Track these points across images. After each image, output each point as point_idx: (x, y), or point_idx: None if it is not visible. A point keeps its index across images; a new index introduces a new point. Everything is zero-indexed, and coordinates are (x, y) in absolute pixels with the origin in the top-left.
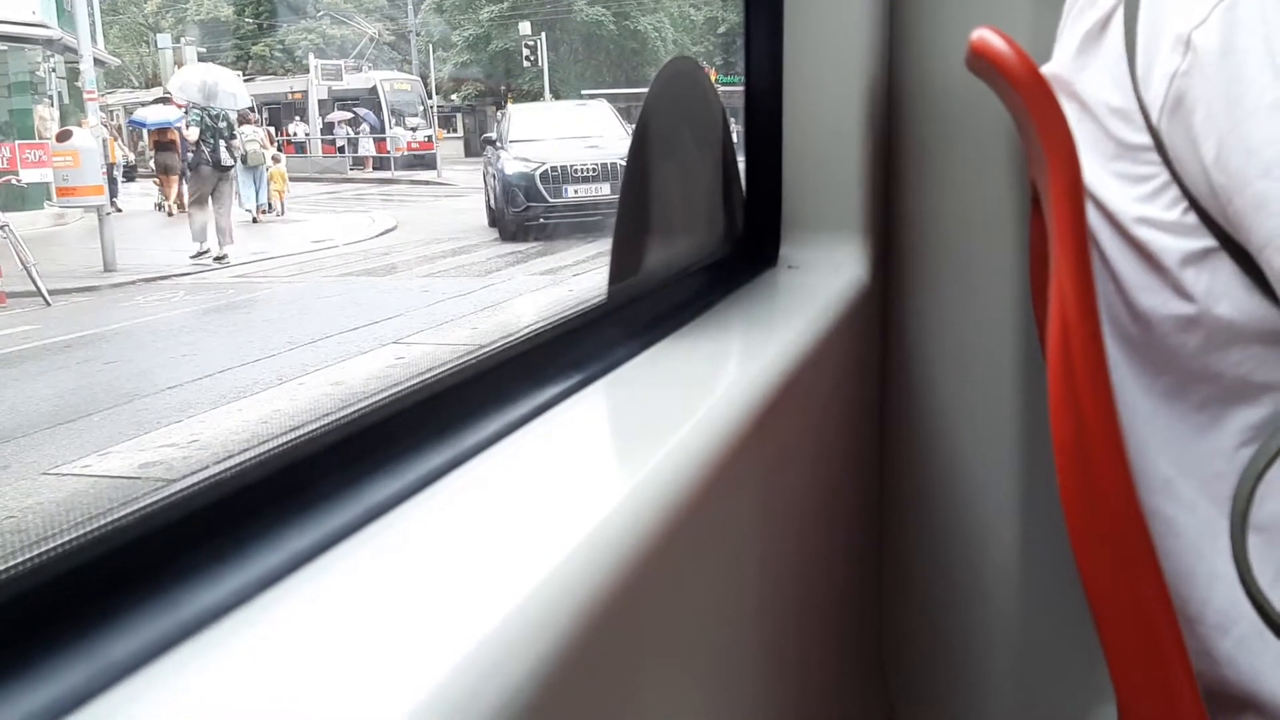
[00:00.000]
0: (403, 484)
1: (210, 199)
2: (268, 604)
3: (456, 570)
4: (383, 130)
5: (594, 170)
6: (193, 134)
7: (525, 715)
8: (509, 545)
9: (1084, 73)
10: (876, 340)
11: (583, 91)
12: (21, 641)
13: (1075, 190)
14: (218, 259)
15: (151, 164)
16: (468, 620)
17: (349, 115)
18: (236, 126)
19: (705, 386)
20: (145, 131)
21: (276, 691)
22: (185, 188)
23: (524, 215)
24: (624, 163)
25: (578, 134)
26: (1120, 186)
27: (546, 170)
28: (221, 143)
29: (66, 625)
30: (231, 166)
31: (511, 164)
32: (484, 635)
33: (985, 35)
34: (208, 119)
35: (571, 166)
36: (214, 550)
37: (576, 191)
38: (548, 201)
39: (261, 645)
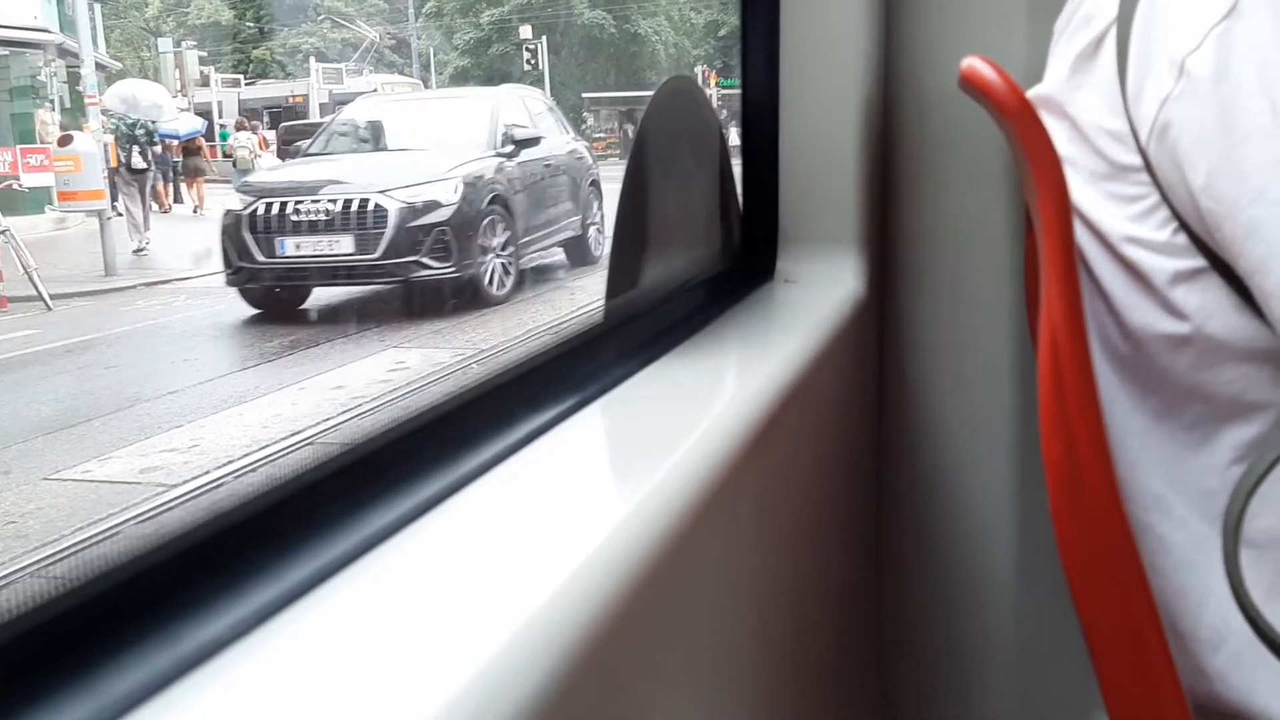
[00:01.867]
0: (401, 511)
1: (131, 199)
2: (269, 635)
3: (457, 595)
4: None
5: (327, 214)
6: (108, 139)
7: None
8: (509, 569)
9: (1077, 93)
10: (873, 354)
11: (583, 95)
12: (24, 678)
13: (1064, 215)
14: (136, 251)
15: (179, 168)
16: (469, 645)
17: None
18: (156, 135)
19: (703, 404)
20: (174, 141)
21: None
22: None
23: (236, 280)
24: (395, 203)
25: (422, 144)
26: (1111, 206)
27: (257, 211)
28: (135, 148)
29: (69, 661)
30: (145, 170)
31: (233, 197)
32: (486, 659)
33: (974, 64)
34: (123, 127)
35: (294, 208)
36: (215, 582)
37: (298, 246)
38: (255, 261)
39: (264, 677)
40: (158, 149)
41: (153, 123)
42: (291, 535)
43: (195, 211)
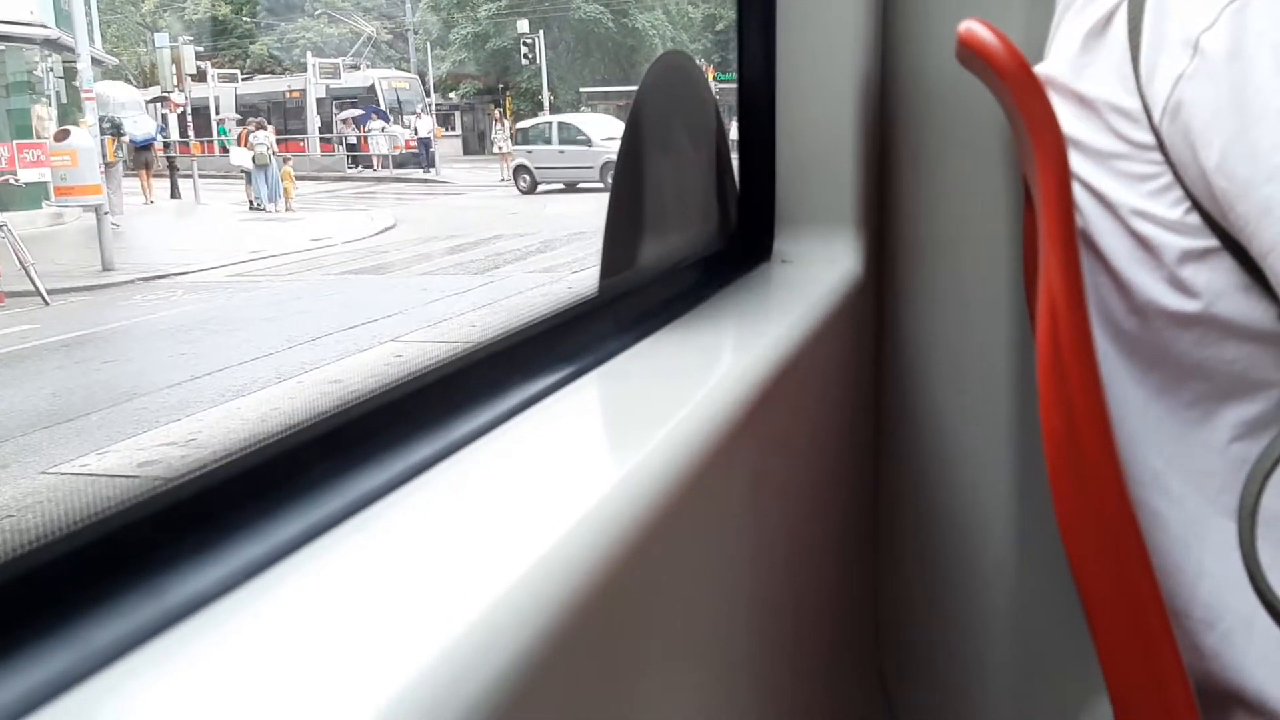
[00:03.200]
0: (391, 474)
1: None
2: (253, 593)
3: (443, 560)
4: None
5: None
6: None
7: (512, 703)
8: (497, 535)
9: (1087, 70)
10: (870, 333)
11: (580, 89)
12: (7, 627)
13: (1063, 184)
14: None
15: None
16: (454, 609)
17: (358, 112)
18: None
19: (697, 378)
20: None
21: (260, 679)
22: None
23: None
24: None
25: None
26: (1122, 184)
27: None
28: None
29: (52, 612)
30: (114, 164)
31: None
32: (469, 624)
33: (973, 27)
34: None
35: None
36: (200, 539)
37: None
38: None
39: (246, 633)
40: (125, 138)
41: (117, 119)
42: (280, 494)
43: (149, 202)
